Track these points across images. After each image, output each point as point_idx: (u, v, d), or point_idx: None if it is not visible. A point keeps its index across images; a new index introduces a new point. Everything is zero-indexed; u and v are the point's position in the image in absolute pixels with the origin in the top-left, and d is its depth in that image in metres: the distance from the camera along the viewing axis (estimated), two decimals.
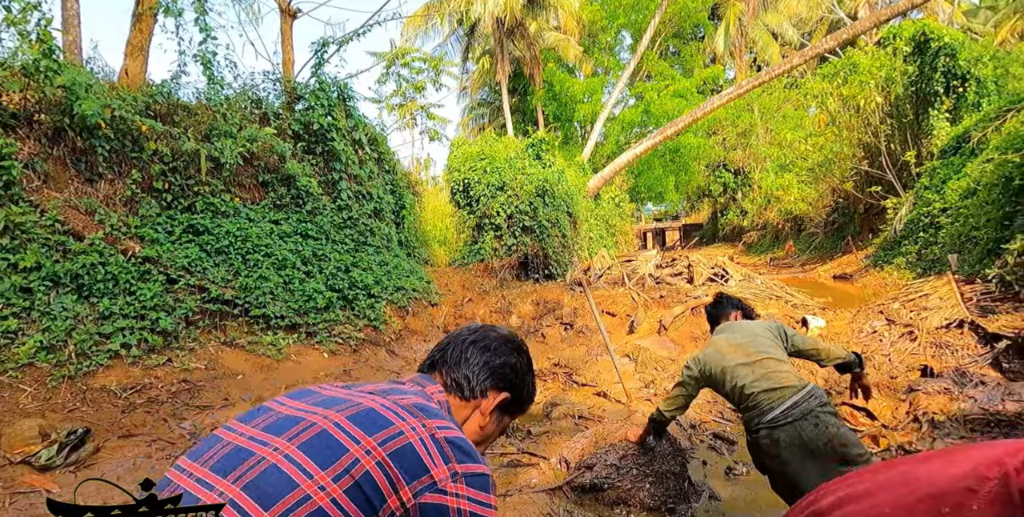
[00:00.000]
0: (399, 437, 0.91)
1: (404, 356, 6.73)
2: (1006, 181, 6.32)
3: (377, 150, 9.41)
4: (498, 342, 1.22)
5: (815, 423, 2.29)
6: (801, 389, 2.38)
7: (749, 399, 2.44)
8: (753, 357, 2.50)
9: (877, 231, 13.68)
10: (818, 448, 2.26)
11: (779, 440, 2.32)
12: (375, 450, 0.88)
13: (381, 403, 0.97)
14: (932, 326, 5.49)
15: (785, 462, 2.32)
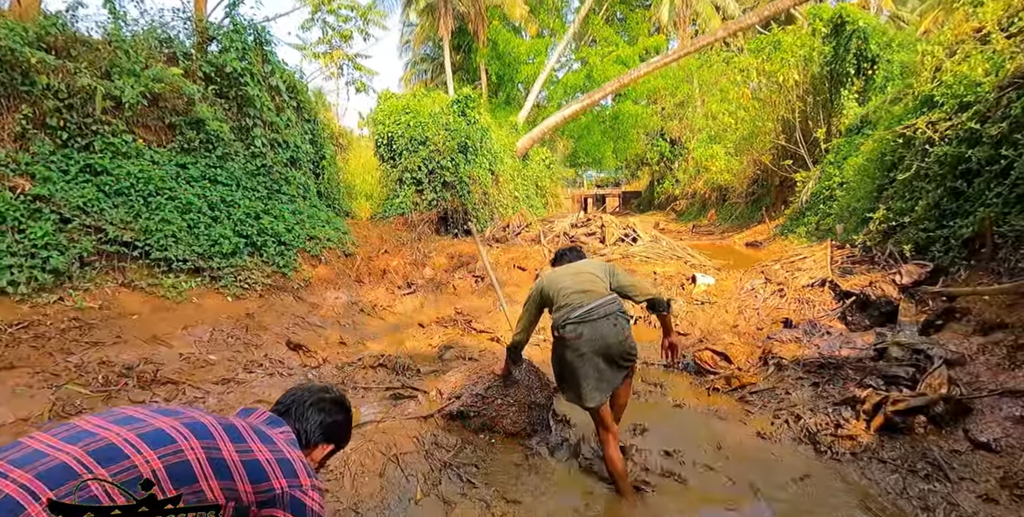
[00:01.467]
0: (180, 453, 1.26)
1: (311, 302, 6.81)
2: (881, 157, 6.88)
3: (296, 98, 9.17)
4: (331, 405, 1.66)
5: (614, 323, 2.79)
6: (606, 296, 2.87)
7: (564, 300, 2.89)
8: (578, 277, 2.97)
9: (788, 203, 14.49)
10: (612, 344, 2.77)
11: (582, 334, 2.77)
12: (153, 461, 1.20)
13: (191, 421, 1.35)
14: (799, 284, 6.03)
15: (582, 354, 2.79)
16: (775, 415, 3.88)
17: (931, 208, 5.33)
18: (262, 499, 1.32)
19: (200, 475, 1.23)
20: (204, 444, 1.27)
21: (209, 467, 1.25)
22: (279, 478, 1.33)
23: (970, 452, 3.01)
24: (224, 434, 1.32)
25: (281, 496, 1.33)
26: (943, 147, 5.26)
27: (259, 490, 1.31)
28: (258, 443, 1.37)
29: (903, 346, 3.96)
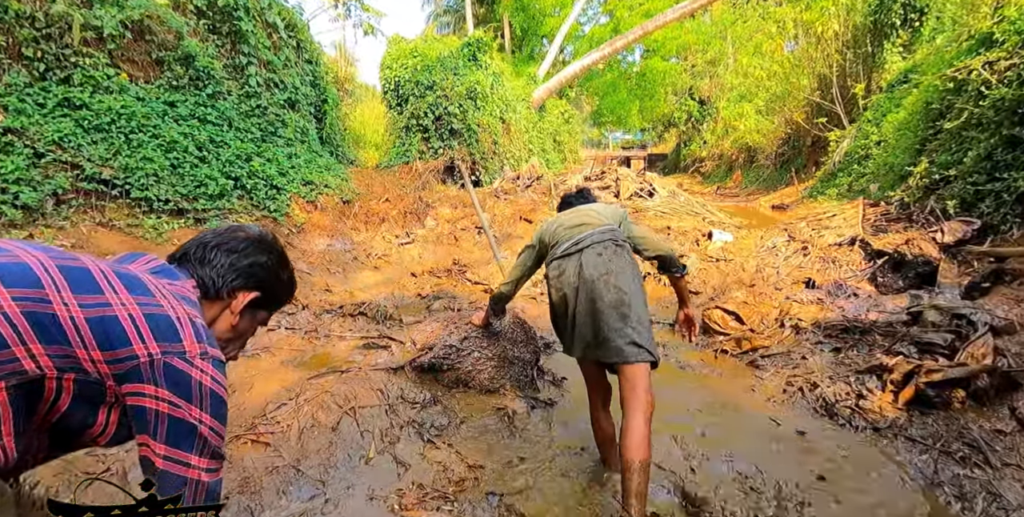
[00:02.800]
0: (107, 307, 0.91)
1: (303, 249, 6.48)
2: (926, 106, 6.20)
3: (296, 37, 8.64)
4: (246, 243, 1.19)
5: (599, 253, 2.26)
6: (600, 226, 2.36)
7: (555, 239, 2.43)
8: (577, 216, 2.47)
9: (820, 164, 13.69)
10: (591, 277, 2.22)
11: (564, 270, 2.32)
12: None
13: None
14: (826, 243, 5.50)
15: (564, 294, 2.32)
16: (788, 382, 3.45)
17: (982, 159, 4.72)
18: (120, 371, 0.91)
19: (10, 337, 0.82)
20: (20, 293, 0.84)
21: (26, 325, 0.83)
22: (148, 342, 0.92)
23: (1017, 434, 2.56)
24: (63, 280, 0.89)
25: (149, 366, 0.91)
26: (1000, 90, 4.60)
27: (114, 358, 0.90)
28: (122, 294, 0.94)
29: (942, 310, 3.47)
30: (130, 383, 0.91)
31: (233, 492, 2.34)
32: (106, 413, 0.96)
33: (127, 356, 0.90)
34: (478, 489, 2.39)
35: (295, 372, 3.43)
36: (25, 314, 0.83)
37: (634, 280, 2.29)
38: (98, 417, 0.96)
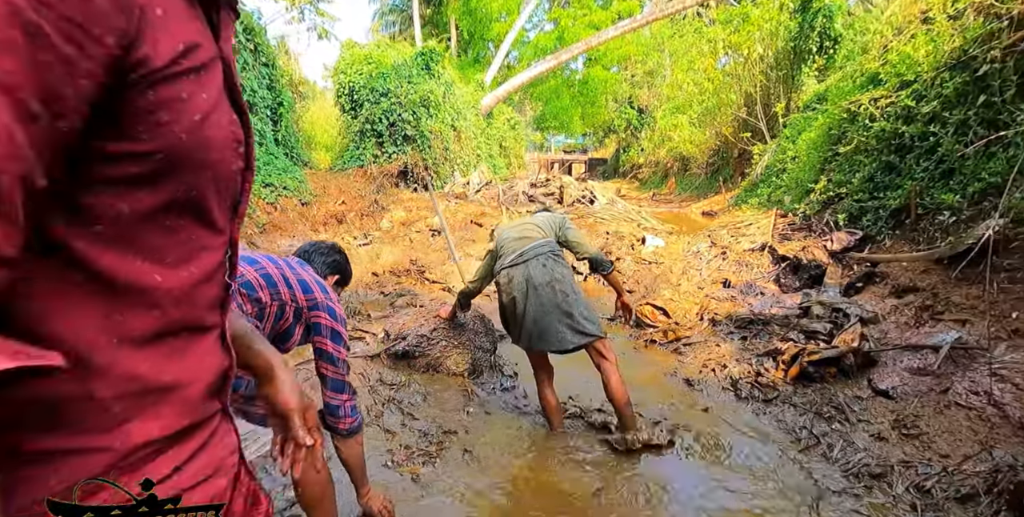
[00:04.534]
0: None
1: (266, 249, 6.77)
2: (828, 131, 7.16)
3: (253, 40, 8.86)
4: (328, 249, 2.23)
5: (543, 264, 2.87)
6: (539, 240, 2.96)
7: (502, 250, 3.00)
8: (520, 228, 3.09)
9: (745, 174, 14.86)
10: (539, 285, 2.83)
11: (512, 278, 2.89)
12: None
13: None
14: (742, 249, 6.31)
15: (513, 298, 2.90)
16: (704, 365, 4.15)
17: (866, 180, 5.63)
18: (311, 304, 1.89)
19: (280, 282, 1.86)
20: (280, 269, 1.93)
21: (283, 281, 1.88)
22: (319, 293, 1.91)
23: (871, 398, 3.32)
24: (285, 265, 1.95)
25: (322, 303, 1.90)
26: (882, 123, 5.52)
27: (308, 298, 1.88)
28: (306, 272, 1.97)
29: (825, 305, 4.25)
30: (315, 310, 1.89)
31: None
32: (301, 329, 1.92)
33: (312, 298, 1.89)
34: (454, 448, 2.93)
35: None
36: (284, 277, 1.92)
37: (572, 284, 2.95)
38: (296, 330, 1.91)
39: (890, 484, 2.58)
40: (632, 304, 3.78)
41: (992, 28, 4.34)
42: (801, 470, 2.76)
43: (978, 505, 2.25)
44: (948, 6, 5.12)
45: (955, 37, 4.79)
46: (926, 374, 3.21)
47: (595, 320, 2.92)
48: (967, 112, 4.46)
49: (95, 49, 0.42)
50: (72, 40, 0.40)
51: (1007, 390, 2.76)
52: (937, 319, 3.62)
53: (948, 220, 4.29)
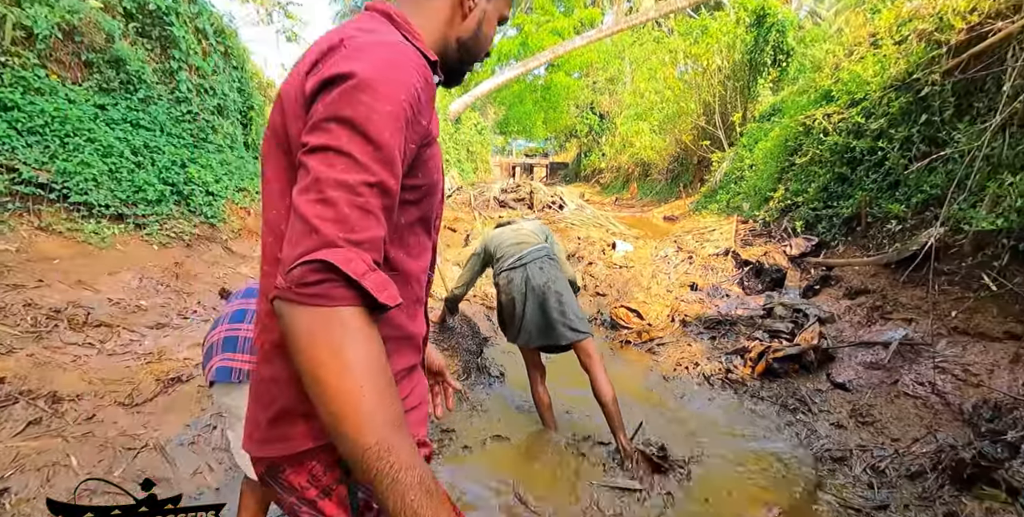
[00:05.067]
0: None
1: (242, 254, 6.79)
2: (785, 142, 7.61)
3: (224, 43, 8.80)
4: None
5: (540, 267, 3.12)
6: (536, 244, 3.20)
7: (501, 252, 3.22)
8: (516, 233, 3.31)
9: (704, 181, 15.43)
10: (537, 286, 3.06)
11: (512, 280, 3.12)
12: None
13: None
14: (707, 254, 6.67)
15: (512, 298, 3.13)
16: (677, 363, 4.44)
17: (821, 190, 6.06)
18: None
19: None
20: None
21: None
22: None
23: (830, 391, 3.65)
24: None
25: None
26: (835, 137, 5.95)
27: None
28: None
29: (786, 306, 4.60)
30: None
31: None
32: None
33: None
34: (454, 445, 3.11)
35: None
36: None
37: (566, 285, 3.18)
38: None
39: (850, 466, 2.89)
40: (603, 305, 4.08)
41: (933, 54, 4.79)
42: (771, 456, 3.05)
43: (926, 481, 2.57)
44: (894, 32, 5.57)
45: (900, 60, 5.24)
46: (878, 368, 3.56)
47: (585, 319, 3.16)
48: (911, 129, 4.89)
49: (421, 128, 0.78)
50: (417, 124, 0.76)
51: (948, 380, 3.12)
52: (887, 318, 3.99)
53: (895, 228, 4.70)
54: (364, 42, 0.75)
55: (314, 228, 0.66)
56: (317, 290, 0.66)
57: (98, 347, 3.96)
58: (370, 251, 0.70)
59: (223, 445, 2.99)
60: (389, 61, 0.73)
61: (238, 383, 1.73)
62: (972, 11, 4.42)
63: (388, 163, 0.70)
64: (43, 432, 2.87)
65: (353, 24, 0.85)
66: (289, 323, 0.67)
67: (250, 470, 1.86)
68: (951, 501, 2.37)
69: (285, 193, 0.81)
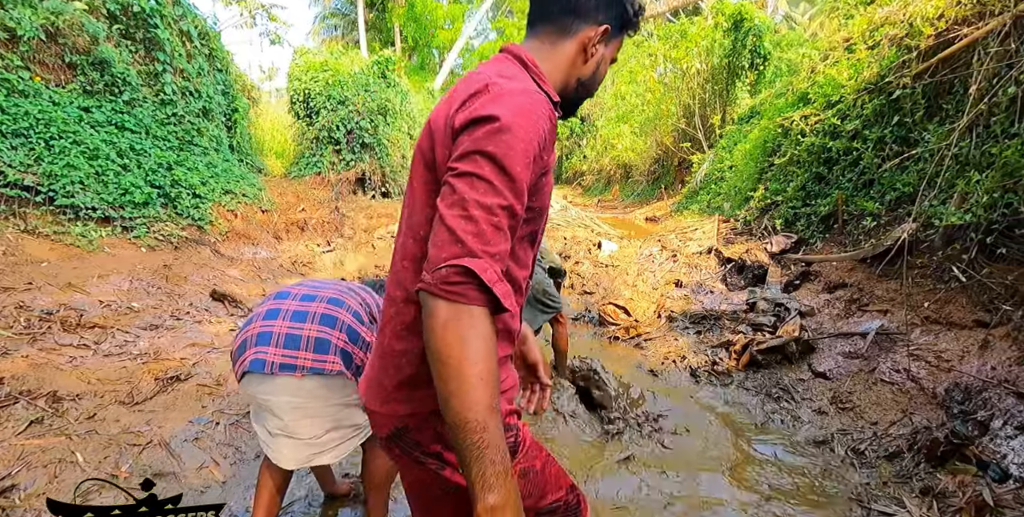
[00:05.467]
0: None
1: (231, 257, 6.80)
2: (764, 143, 7.82)
3: (208, 46, 8.80)
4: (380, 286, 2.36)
5: (542, 267, 3.33)
6: None
7: None
8: None
9: (685, 182, 15.69)
10: (539, 281, 3.29)
11: None
12: None
13: None
14: (690, 252, 6.84)
15: None
16: (665, 357, 4.58)
17: (799, 189, 6.26)
18: None
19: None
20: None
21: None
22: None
23: (811, 380, 3.81)
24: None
25: None
26: (812, 138, 6.16)
27: None
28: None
29: (768, 301, 4.77)
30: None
31: (263, 453, 2.97)
32: None
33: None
34: None
35: None
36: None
37: (540, 271, 3.42)
38: None
39: (832, 449, 3.04)
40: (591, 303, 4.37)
41: (904, 58, 5.00)
42: (760, 442, 3.19)
43: (903, 460, 2.72)
44: (867, 37, 5.80)
45: (873, 64, 5.45)
46: (856, 357, 3.73)
47: (556, 297, 3.40)
48: (884, 130, 5.10)
49: (543, 162, 0.94)
50: (540, 159, 0.92)
51: (922, 367, 3.28)
52: (863, 310, 4.17)
53: (870, 225, 4.90)
54: (506, 89, 0.92)
55: (459, 239, 0.83)
56: (458, 289, 0.81)
57: (93, 348, 3.97)
58: (499, 262, 0.85)
59: (227, 441, 3.05)
60: (525, 109, 0.89)
61: (270, 375, 1.82)
62: (940, 18, 4.64)
63: (518, 191, 0.87)
64: (46, 431, 2.89)
65: (493, 68, 1.03)
66: (431, 311, 0.83)
67: (283, 460, 1.96)
68: (926, 477, 2.52)
69: (426, 204, 0.99)
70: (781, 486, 2.71)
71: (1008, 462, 2.32)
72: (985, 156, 3.84)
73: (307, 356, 1.84)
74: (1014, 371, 2.80)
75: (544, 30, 1.11)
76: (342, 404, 1.94)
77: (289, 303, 1.95)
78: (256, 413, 2.05)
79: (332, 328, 1.89)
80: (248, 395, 1.96)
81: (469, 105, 0.92)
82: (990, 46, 3.93)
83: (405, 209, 1.06)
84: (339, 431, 1.98)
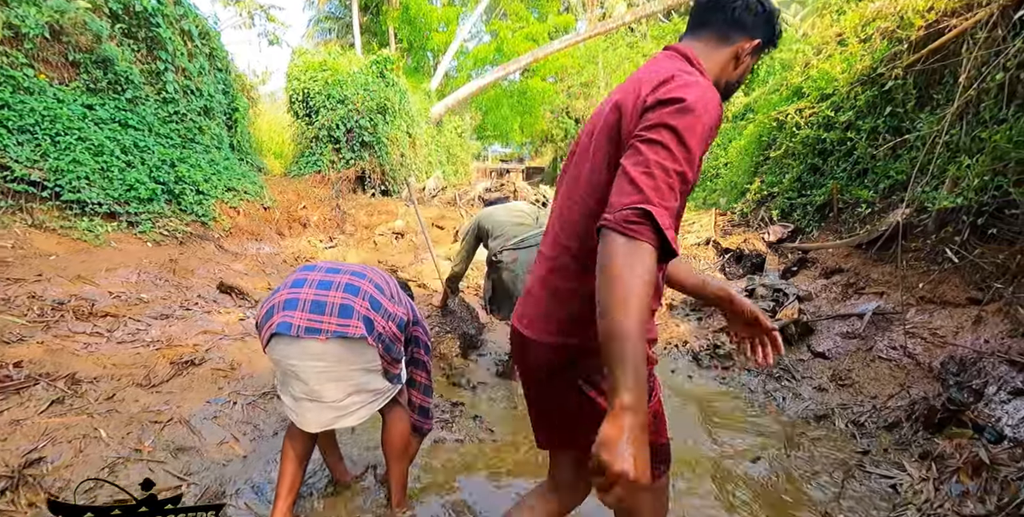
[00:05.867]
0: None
1: (234, 252, 6.86)
2: (759, 138, 7.96)
3: (209, 45, 8.87)
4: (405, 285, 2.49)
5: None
6: (534, 228, 3.43)
7: (500, 230, 3.43)
8: (512, 212, 3.50)
9: None
10: None
11: (518, 258, 3.34)
12: None
13: None
14: (689, 244, 6.95)
15: (516, 275, 3.36)
16: (667, 342, 4.68)
17: (795, 181, 6.39)
18: (412, 319, 2.20)
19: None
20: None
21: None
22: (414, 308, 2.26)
23: (810, 360, 3.91)
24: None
25: (420, 319, 2.28)
26: (806, 130, 6.29)
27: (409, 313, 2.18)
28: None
29: (767, 287, 4.87)
30: (414, 326, 2.22)
31: (280, 430, 3.05)
32: None
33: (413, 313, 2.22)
34: (465, 415, 3.29)
35: None
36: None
37: None
38: None
39: (833, 423, 3.14)
40: None
41: (895, 50, 5.14)
42: (766, 416, 3.29)
43: (902, 429, 2.83)
44: (859, 31, 5.94)
45: (865, 57, 5.59)
46: (854, 337, 3.84)
47: None
48: (877, 121, 5.23)
49: (709, 143, 1.11)
50: (710, 139, 1.10)
51: (917, 343, 3.39)
52: (860, 293, 4.28)
53: (865, 212, 5.02)
54: (691, 80, 1.10)
55: (641, 189, 0.99)
56: (636, 228, 0.96)
57: (107, 335, 4.03)
58: (670, 215, 1.00)
59: (245, 419, 3.12)
60: (706, 97, 1.08)
61: (296, 337, 1.91)
62: (929, 10, 4.77)
63: (691, 162, 1.04)
64: (67, 410, 2.96)
65: (671, 64, 1.21)
66: (609, 243, 0.98)
67: (308, 423, 2.04)
68: (925, 443, 2.62)
69: (603, 171, 1.19)
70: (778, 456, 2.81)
71: (1003, 424, 2.42)
72: (975, 141, 3.97)
73: (331, 321, 1.92)
74: (1007, 343, 2.91)
75: (706, 35, 1.31)
76: (364, 368, 2.02)
77: (315, 274, 2.06)
78: (282, 381, 2.13)
79: (355, 296, 1.98)
80: (275, 361, 2.04)
81: (660, 89, 1.10)
82: (978, 35, 4.06)
83: (571, 180, 1.30)
84: (360, 395, 2.06)
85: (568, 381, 1.25)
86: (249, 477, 2.62)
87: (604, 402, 1.18)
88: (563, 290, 1.25)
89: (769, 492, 2.45)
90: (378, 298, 2.04)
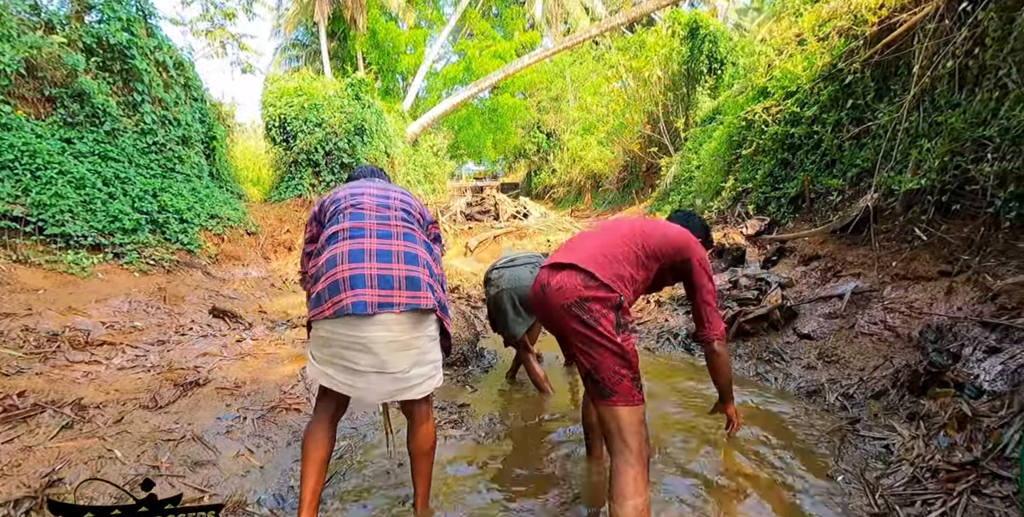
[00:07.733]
0: None
1: (223, 278, 6.87)
2: (729, 138, 8.23)
3: (184, 75, 8.94)
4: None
5: (530, 270, 3.56)
6: (528, 253, 3.77)
7: (498, 261, 3.73)
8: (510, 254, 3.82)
9: (655, 186, 16.14)
10: (527, 285, 3.47)
11: (503, 275, 3.57)
12: None
13: None
14: None
15: (501, 290, 3.57)
16: (659, 336, 4.81)
17: (767, 175, 6.63)
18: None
19: None
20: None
21: None
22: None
23: (797, 341, 4.07)
24: None
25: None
26: (774, 127, 6.55)
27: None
28: None
29: (750, 277, 5.05)
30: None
31: (293, 442, 3.09)
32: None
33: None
34: (473, 416, 3.37)
35: (290, 365, 4.13)
36: None
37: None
38: None
39: (824, 397, 3.28)
40: None
41: (852, 46, 5.42)
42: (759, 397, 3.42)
43: (889, 396, 2.97)
44: (817, 30, 6.24)
45: (824, 54, 5.88)
46: (836, 317, 4.01)
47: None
48: (840, 113, 5.49)
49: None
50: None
51: (896, 317, 3.57)
52: (838, 276, 4.47)
53: (836, 200, 5.24)
54: None
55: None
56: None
57: (105, 363, 4.04)
58: None
59: (257, 432, 3.17)
60: None
61: (371, 315, 1.94)
62: (881, 7, 5.06)
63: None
64: (77, 434, 2.97)
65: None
66: (718, 347, 2.25)
67: (371, 394, 2.03)
68: (911, 405, 2.77)
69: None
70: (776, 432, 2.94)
71: (981, 380, 2.58)
72: (933, 126, 4.21)
73: (402, 294, 1.97)
74: (977, 308, 3.09)
75: None
76: (427, 336, 2.07)
77: (369, 242, 2.04)
78: (333, 356, 2.05)
79: (417, 265, 2.05)
80: (334, 335, 2.00)
81: None
82: (927, 27, 4.33)
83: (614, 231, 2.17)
84: (422, 367, 2.06)
85: (601, 312, 1.88)
86: (268, 486, 2.66)
87: (611, 331, 1.87)
88: (625, 268, 2.01)
89: (764, 457, 2.57)
90: (430, 263, 2.13)
